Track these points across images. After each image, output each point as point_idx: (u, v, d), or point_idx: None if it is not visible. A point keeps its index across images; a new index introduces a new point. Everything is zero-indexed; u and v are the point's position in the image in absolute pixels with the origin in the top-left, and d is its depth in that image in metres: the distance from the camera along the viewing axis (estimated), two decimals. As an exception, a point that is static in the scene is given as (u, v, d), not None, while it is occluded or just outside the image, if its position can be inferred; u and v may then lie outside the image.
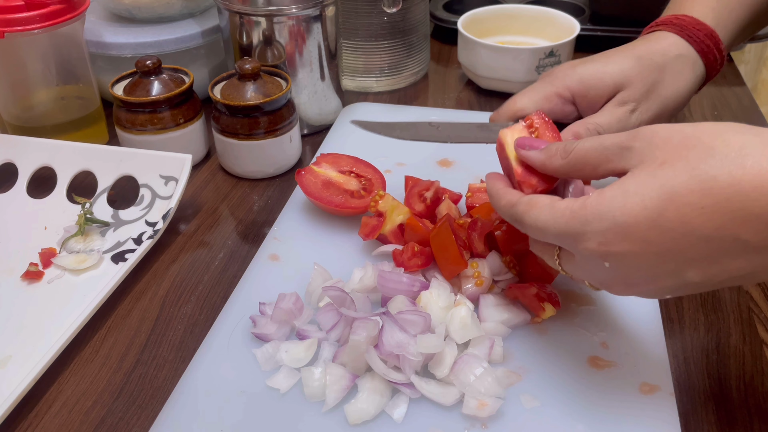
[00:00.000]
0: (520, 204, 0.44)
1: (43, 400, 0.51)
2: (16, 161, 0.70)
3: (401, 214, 0.59)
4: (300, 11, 0.74)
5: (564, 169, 0.44)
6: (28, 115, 0.77)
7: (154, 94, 0.72)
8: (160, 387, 0.51)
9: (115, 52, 0.81)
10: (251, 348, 0.51)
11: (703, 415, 0.48)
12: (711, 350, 0.53)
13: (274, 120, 0.71)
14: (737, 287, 0.58)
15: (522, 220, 0.44)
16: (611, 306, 0.54)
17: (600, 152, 0.42)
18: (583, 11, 1.03)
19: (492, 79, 0.88)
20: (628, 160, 0.40)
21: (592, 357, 0.50)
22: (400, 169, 0.71)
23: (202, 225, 0.68)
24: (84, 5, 0.74)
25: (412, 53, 0.91)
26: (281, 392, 0.48)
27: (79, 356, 0.54)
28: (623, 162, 0.40)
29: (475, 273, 0.54)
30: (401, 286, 0.52)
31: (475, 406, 0.45)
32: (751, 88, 1.70)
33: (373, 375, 0.48)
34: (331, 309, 0.51)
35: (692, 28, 0.60)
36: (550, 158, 0.45)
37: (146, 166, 0.68)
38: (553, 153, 0.45)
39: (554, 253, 0.45)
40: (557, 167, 0.45)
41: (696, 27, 0.60)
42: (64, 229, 0.65)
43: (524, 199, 0.44)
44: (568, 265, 0.44)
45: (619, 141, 0.41)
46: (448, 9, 1.07)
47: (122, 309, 0.59)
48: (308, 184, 0.64)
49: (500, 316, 0.52)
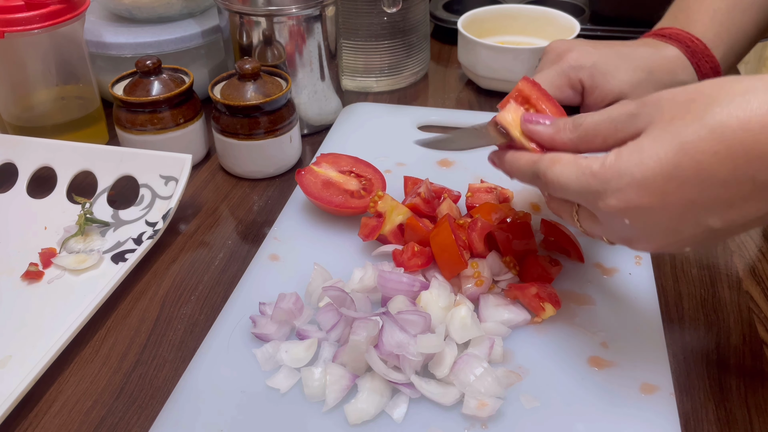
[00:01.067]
0: (543, 160, 0.45)
1: (43, 400, 0.51)
2: (16, 161, 0.70)
3: (401, 215, 0.59)
4: (300, 11, 0.74)
5: (573, 143, 0.45)
6: (28, 115, 0.77)
7: (154, 94, 0.72)
8: (160, 387, 0.51)
9: (115, 52, 0.81)
10: (251, 348, 0.51)
11: (703, 415, 0.48)
12: (711, 350, 0.53)
13: (274, 120, 0.71)
14: (737, 287, 0.58)
15: (545, 176, 0.44)
16: (611, 306, 0.54)
17: (609, 123, 0.42)
18: (583, 11, 1.03)
19: (492, 79, 0.88)
20: (638, 125, 0.41)
21: (593, 357, 0.50)
22: (400, 169, 0.71)
23: (202, 225, 0.68)
24: (84, 5, 0.74)
25: (412, 53, 0.91)
26: (281, 392, 0.48)
27: (79, 356, 0.54)
28: (633, 128, 0.41)
29: (475, 273, 0.54)
30: (401, 286, 0.52)
31: (475, 406, 0.45)
32: (751, 88, 1.69)
33: (373, 375, 0.48)
34: (331, 309, 0.51)
35: (701, 56, 0.60)
36: (558, 132, 0.45)
37: (146, 166, 0.68)
38: (561, 127, 0.45)
39: (573, 209, 0.45)
40: (566, 141, 0.45)
41: (705, 58, 0.60)
42: (64, 229, 0.65)
43: (547, 155, 0.45)
44: (586, 222, 0.45)
45: (627, 110, 0.41)
46: (448, 9, 1.07)
47: (122, 309, 0.58)
48: (308, 184, 0.64)
49: (500, 316, 0.52)
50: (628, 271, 0.57)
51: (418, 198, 0.61)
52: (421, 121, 0.81)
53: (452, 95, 0.91)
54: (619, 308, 0.54)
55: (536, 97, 0.50)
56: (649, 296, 0.55)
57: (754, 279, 0.60)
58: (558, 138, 0.45)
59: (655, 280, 0.57)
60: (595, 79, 0.59)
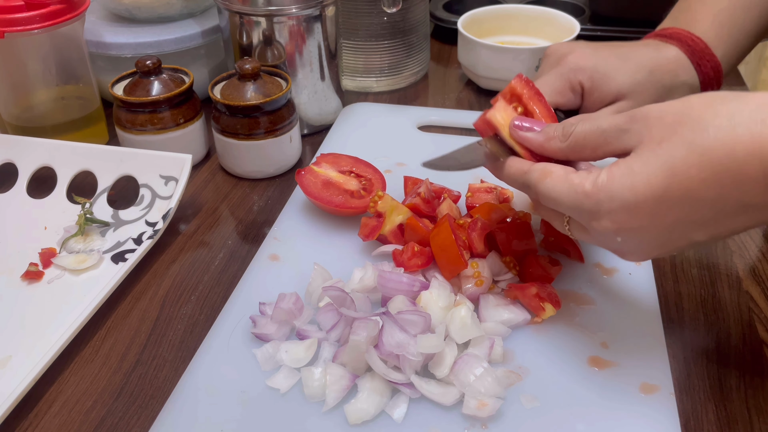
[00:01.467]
0: (534, 171, 0.46)
1: (43, 400, 0.51)
2: (16, 161, 0.70)
3: (401, 215, 0.59)
4: (300, 11, 0.74)
5: (563, 152, 0.45)
6: (28, 115, 0.77)
7: (154, 94, 0.72)
8: (160, 387, 0.51)
9: (115, 52, 0.81)
10: (251, 348, 0.51)
11: (703, 415, 0.48)
12: (711, 350, 0.53)
13: (274, 120, 0.71)
14: (737, 287, 0.58)
15: (536, 187, 0.45)
16: (611, 306, 0.54)
17: (599, 135, 0.44)
18: (583, 11, 1.03)
19: (492, 79, 0.88)
20: (627, 141, 0.42)
21: (593, 357, 0.50)
22: (400, 169, 0.71)
23: (202, 225, 0.68)
24: (84, 5, 0.74)
25: (412, 53, 0.91)
26: (281, 392, 0.48)
27: (79, 356, 0.54)
28: (623, 144, 0.42)
29: (475, 273, 0.54)
30: (401, 286, 0.52)
31: (475, 406, 0.45)
32: (751, 88, 1.70)
33: (373, 375, 0.48)
34: (331, 309, 0.51)
35: (702, 56, 0.60)
36: (548, 141, 0.46)
37: (146, 166, 0.68)
38: (551, 135, 0.46)
39: (563, 219, 0.46)
40: (556, 150, 0.46)
41: (706, 57, 0.61)
42: (64, 229, 0.65)
43: (538, 167, 0.46)
44: (577, 232, 0.46)
45: (617, 124, 0.43)
46: (448, 9, 1.07)
47: (122, 309, 0.58)
48: (308, 184, 0.64)
49: (500, 316, 0.52)
50: (628, 271, 0.57)
51: (418, 198, 0.61)
52: (421, 121, 0.81)
53: (452, 95, 0.91)
54: (619, 308, 0.54)
55: (528, 96, 0.50)
56: (649, 296, 0.55)
57: (754, 279, 0.60)
58: (548, 146, 0.46)
59: (655, 280, 0.57)
60: (594, 81, 0.59)
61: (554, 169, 0.45)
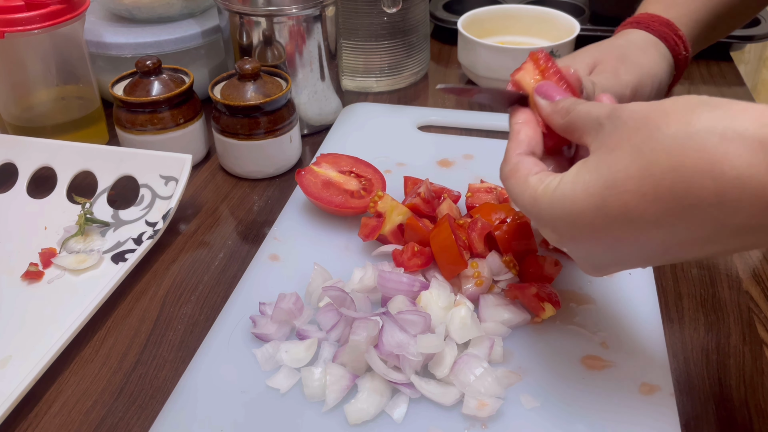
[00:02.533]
0: (507, 165, 0.44)
1: (43, 400, 0.51)
2: (16, 161, 0.70)
3: (401, 215, 0.59)
4: (300, 11, 0.74)
5: (560, 130, 0.44)
6: (28, 115, 0.77)
7: (154, 94, 0.72)
8: (160, 387, 0.51)
9: (115, 52, 0.81)
10: (251, 348, 0.51)
11: (703, 415, 0.48)
12: (711, 350, 0.53)
13: (274, 120, 0.71)
14: (737, 287, 0.59)
15: (504, 183, 0.44)
16: (611, 306, 0.54)
17: (584, 121, 0.41)
18: (583, 11, 1.03)
19: (492, 79, 0.88)
20: (593, 138, 0.39)
21: (592, 357, 0.50)
22: (400, 169, 0.71)
23: (202, 225, 0.68)
24: (84, 5, 0.74)
25: (412, 53, 0.91)
26: (281, 392, 0.48)
27: (79, 356, 0.54)
28: (591, 139, 0.39)
29: (475, 273, 0.54)
30: (401, 286, 0.52)
31: (475, 406, 0.45)
32: (751, 88, 1.70)
33: (373, 375, 0.48)
34: (331, 309, 0.51)
35: (648, 20, 0.60)
36: (553, 113, 0.44)
37: (146, 166, 0.68)
38: (558, 109, 0.44)
39: None
40: (556, 125, 0.44)
41: (651, 19, 0.60)
42: (64, 229, 0.65)
43: (513, 161, 0.43)
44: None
45: (599, 114, 0.39)
46: (448, 9, 1.07)
47: (122, 309, 0.59)
48: (308, 184, 0.64)
49: (500, 316, 0.52)
50: (628, 271, 0.57)
51: (418, 198, 0.61)
52: (421, 121, 0.81)
53: (452, 95, 0.91)
54: (619, 308, 0.54)
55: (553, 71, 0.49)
56: (649, 296, 0.55)
57: (754, 279, 0.60)
58: (551, 119, 0.45)
59: (655, 280, 0.57)
60: None
61: (521, 168, 0.42)
